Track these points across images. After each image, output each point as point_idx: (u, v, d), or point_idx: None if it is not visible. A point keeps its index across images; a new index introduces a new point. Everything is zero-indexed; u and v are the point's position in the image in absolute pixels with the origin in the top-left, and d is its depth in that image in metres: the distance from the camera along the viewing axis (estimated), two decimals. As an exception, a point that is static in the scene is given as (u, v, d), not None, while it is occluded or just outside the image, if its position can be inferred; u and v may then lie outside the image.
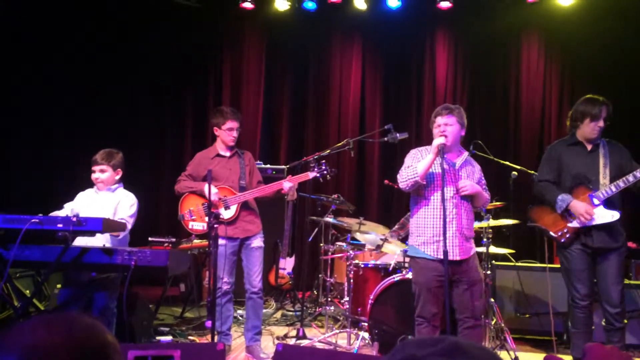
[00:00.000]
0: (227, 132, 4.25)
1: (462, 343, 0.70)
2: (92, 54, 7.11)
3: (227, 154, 4.32)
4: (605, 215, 3.54)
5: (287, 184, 4.12)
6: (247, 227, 4.22)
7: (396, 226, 4.86)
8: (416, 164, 3.37)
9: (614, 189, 3.52)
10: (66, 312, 0.87)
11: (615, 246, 3.56)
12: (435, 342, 0.70)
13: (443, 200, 3.22)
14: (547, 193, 3.77)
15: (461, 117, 3.47)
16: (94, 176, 3.87)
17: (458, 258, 3.32)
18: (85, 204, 3.84)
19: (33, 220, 2.86)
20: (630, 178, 3.47)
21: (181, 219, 4.21)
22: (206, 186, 4.11)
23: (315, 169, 4.18)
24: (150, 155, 7.45)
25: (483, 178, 3.59)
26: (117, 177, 3.92)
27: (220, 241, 4.11)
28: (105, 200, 3.84)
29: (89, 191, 3.97)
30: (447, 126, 3.40)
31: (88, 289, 3.64)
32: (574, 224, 3.60)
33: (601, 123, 3.61)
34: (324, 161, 4.23)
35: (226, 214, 4.14)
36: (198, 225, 4.16)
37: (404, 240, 4.78)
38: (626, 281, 4.65)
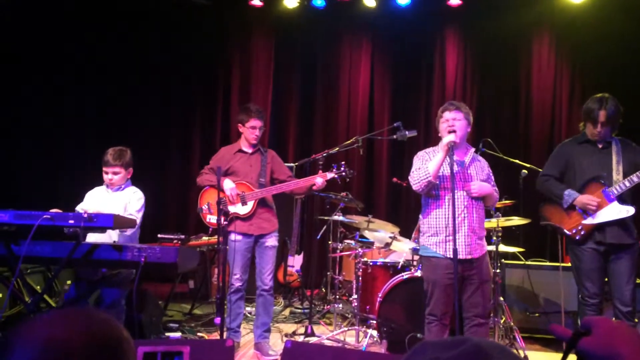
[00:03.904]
0: (250, 130, 4.25)
1: (484, 345, 0.68)
2: (100, 53, 7.15)
3: (250, 150, 4.32)
4: (621, 211, 3.51)
5: (320, 179, 4.12)
6: (262, 224, 4.21)
7: (415, 234, 4.82)
8: (427, 165, 3.37)
9: (627, 184, 3.49)
10: (83, 307, 0.87)
11: (629, 242, 3.52)
12: (456, 344, 0.69)
13: (453, 199, 3.21)
14: (553, 187, 3.76)
15: (467, 113, 3.48)
16: (107, 178, 3.85)
17: (470, 257, 3.32)
18: (96, 203, 3.84)
19: (45, 217, 2.87)
20: None
21: (200, 211, 4.23)
22: (225, 182, 4.12)
23: (334, 170, 4.17)
24: (159, 153, 7.48)
25: (491, 174, 3.58)
26: (129, 176, 3.94)
27: (236, 237, 4.13)
28: (116, 199, 3.85)
29: (98, 190, 3.96)
30: (455, 120, 3.39)
31: (96, 285, 3.66)
32: (589, 220, 3.58)
33: (599, 128, 3.59)
34: (343, 163, 4.21)
35: (243, 209, 4.15)
36: (215, 219, 4.18)
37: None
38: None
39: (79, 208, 3.86)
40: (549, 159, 3.92)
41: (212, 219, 4.17)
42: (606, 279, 3.65)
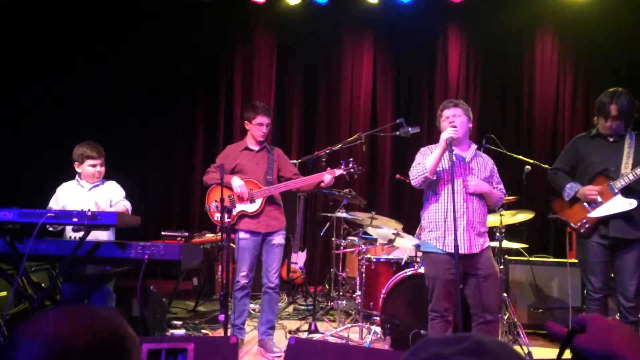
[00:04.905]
0: (257, 126, 4.24)
1: (486, 341, 0.69)
2: (100, 52, 7.15)
3: (256, 148, 4.31)
4: (623, 204, 3.48)
5: (328, 176, 4.11)
6: (270, 222, 4.21)
7: (419, 230, 4.81)
8: (425, 160, 3.37)
9: (631, 177, 3.46)
10: (87, 304, 0.88)
11: (635, 237, 3.49)
12: (458, 340, 0.69)
13: (453, 194, 3.21)
14: (558, 180, 3.76)
15: (467, 109, 3.48)
16: (94, 171, 3.85)
17: (467, 252, 3.30)
18: (75, 200, 3.81)
19: (49, 215, 2.88)
20: None
21: (207, 210, 4.22)
22: (233, 179, 4.12)
23: (342, 167, 4.15)
24: (162, 152, 7.48)
25: (496, 173, 3.56)
26: None
27: (244, 235, 4.12)
28: (100, 194, 3.86)
29: (70, 185, 3.93)
30: (455, 117, 3.39)
31: (93, 283, 3.65)
32: (593, 213, 3.56)
33: (610, 122, 3.57)
34: (351, 159, 4.19)
35: (251, 207, 4.15)
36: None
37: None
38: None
39: (54, 204, 3.85)
40: (562, 152, 3.91)
41: (219, 217, 4.17)
42: (612, 275, 3.64)
